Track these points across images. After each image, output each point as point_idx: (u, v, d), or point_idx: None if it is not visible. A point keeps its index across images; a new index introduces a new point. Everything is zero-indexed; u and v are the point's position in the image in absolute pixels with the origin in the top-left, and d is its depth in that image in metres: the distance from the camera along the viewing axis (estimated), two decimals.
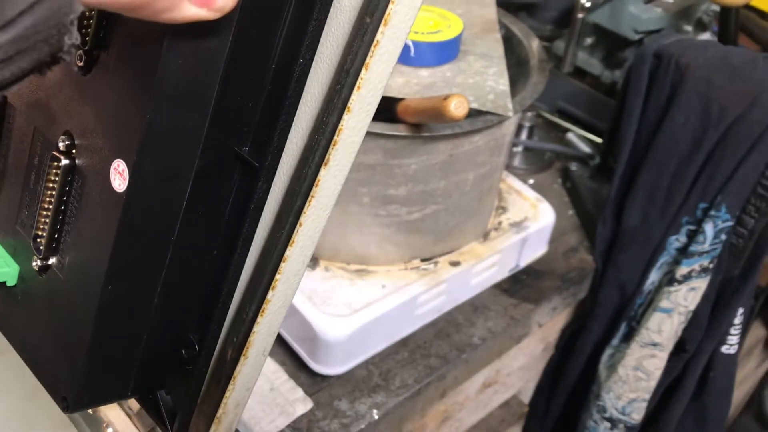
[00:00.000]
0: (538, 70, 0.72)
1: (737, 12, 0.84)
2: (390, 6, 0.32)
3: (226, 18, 0.28)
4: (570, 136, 1.05)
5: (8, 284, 0.39)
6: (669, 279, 0.82)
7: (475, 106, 0.66)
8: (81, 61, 0.31)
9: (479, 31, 0.75)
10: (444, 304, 0.76)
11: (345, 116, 0.33)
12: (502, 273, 0.82)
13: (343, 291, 0.71)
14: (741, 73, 0.76)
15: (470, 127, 0.65)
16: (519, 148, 1.01)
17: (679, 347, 0.87)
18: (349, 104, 0.33)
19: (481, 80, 0.69)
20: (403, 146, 0.65)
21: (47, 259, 0.36)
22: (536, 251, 0.85)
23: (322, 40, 0.33)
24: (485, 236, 0.80)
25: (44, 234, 0.35)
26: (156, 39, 0.28)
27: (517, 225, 0.81)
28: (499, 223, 0.81)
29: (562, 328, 0.95)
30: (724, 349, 0.91)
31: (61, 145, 0.33)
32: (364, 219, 0.70)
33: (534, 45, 0.76)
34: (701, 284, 0.82)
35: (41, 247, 0.36)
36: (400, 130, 0.63)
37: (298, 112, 0.34)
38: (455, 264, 0.76)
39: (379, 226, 0.71)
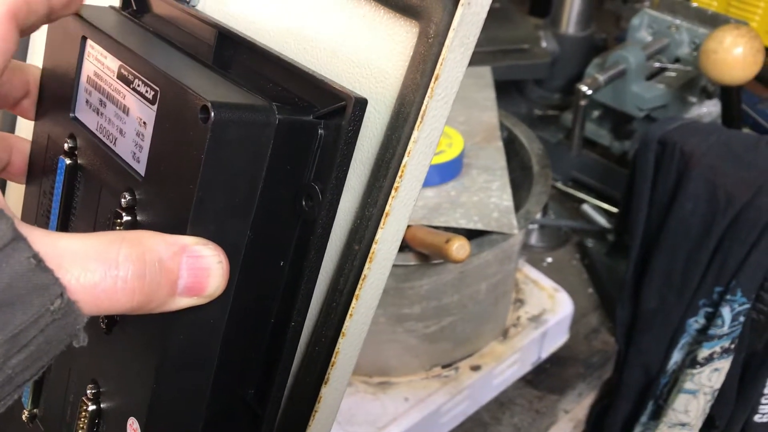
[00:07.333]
0: (542, 178, 0.74)
1: (738, 91, 0.84)
2: (373, 246, 0.34)
3: (223, 293, 0.30)
4: (585, 207, 1.05)
5: None
6: (691, 360, 0.83)
7: (480, 226, 0.68)
8: (104, 324, 0.34)
9: (481, 140, 0.77)
10: (468, 408, 0.78)
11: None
12: (524, 368, 0.83)
13: (366, 407, 0.73)
14: (744, 159, 0.77)
15: (477, 250, 0.66)
16: (534, 226, 1.02)
17: (709, 423, 0.87)
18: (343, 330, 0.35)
19: (485, 197, 0.71)
20: (413, 270, 0.67)
21: None
22: (557, 341, 0.86)
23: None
24: (504, 334, 0.81)
25: None
26: (157, 319, 0.30)
27: (536, 319, 0.83)
28: (518, 318, 0.83)
29: (590, 405, 0.95)
30: (757, 418, 0.90)
31: (88, 392, 0.36)
32: (382, 336, 0.72)
33: (536, 149, 0.78)
34: (724, 364, 0.82)
35: None
36: (409, 259, 0.65)
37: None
38: (476, 368, 0.77)
39: (397, 342, 0.73)
